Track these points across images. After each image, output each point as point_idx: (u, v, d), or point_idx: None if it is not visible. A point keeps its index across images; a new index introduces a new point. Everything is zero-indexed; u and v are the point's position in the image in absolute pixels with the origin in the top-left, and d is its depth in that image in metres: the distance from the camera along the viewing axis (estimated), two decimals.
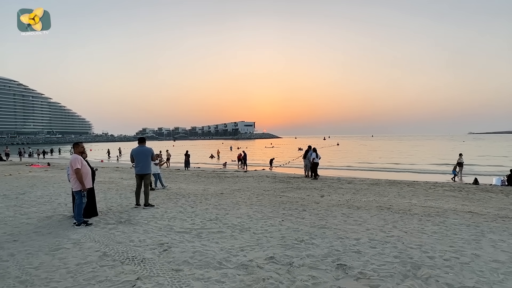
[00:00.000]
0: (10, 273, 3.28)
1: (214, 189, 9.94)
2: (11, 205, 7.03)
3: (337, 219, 5.69)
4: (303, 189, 10.22)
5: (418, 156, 33.69)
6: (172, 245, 4.17)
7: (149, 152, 6.85)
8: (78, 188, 5.25)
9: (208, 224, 5.33)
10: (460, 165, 16.02)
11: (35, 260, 3.65)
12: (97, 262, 3.58)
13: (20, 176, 13.94)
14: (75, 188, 5.28)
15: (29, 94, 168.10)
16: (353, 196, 8.70)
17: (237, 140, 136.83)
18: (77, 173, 5.20)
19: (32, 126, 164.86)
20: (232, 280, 3.09)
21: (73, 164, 5.21)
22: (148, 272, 3.29)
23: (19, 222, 5.48)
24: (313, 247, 4.08)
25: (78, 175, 5.21)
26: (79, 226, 5.17)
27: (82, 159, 5.42)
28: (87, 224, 5.27)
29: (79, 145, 5.65)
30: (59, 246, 4.15)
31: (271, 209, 6.65)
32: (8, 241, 4.40)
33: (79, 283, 3.04)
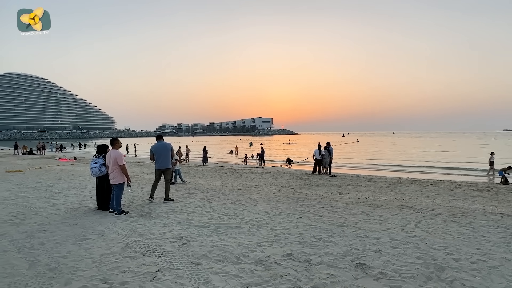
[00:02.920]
0: (41, 261, 3.46)
1: (232, 185, 10.02)
2: (41, 197, 7.42)
3: (356, 217, 5.58)
4: (321, 186, 10.10)
5: (442, 154, 32.35)
6: (191, 239, 4.25)
7: (169, 148, 6.99)
8: (121, 181, 5.59)
9: (226, 219, 5.39)
10: (491, 164, 15.30)
11: (63, 249, 3.84)
12: (120, 253, 3.71)
13: (49, 169, 14.67)
14: (116, 181, 5.58)
15: (57, 91, 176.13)
16: (373, 194, 8.50)
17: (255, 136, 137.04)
18: (124, 169, 5.59)
19: (60, 121, 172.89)
20: (249, 275, 3.11)
21: (119, 161, 5.55)
22: (168, 265, 3.37)
23: (48, 213, 5.77)
24: (332, 245, 4.03)
25: (125, 170, 5.61)
26: (119, 215, 5.54)
27: None
28: (125, 212, 5.71)
29: (118, 141, 5.89)
30: (84, 237, 4.34)
31: (288, 205, 6.62)
32: (39, 230, 4.65)
33: (104, 272, 3.17)
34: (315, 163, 14.43)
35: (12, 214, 5.67)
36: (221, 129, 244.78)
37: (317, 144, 14.93)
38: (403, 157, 28.52)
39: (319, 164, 14.29)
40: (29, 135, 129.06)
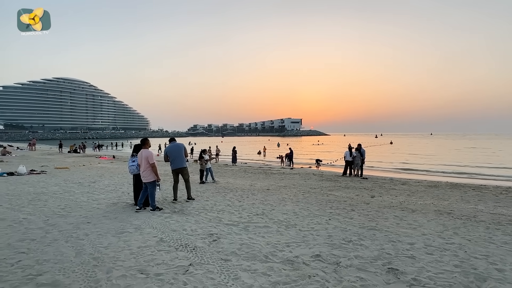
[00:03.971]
0: (85, 250, 3.78)
1: (261, 185, 10.11)
2: (85, 192, 8.03)
3: (389, 222, 5.39)
4: (352, 188, 9.85)
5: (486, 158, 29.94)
6: (221, 236, 4.38)
7: (182, 147, 7.08)
8: (153, 179, 5.85)
9: (254, 218, 5.47)
10: None
11: (105, 241, 4.14)
12: (155, 247, 3.94)
13: (91, 167, 15.79)
14: (149, 179, 5.84)
15: (98, 94, 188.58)
16: (407, 198, 8.13)
17: (284, 137, 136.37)
18: (154, 167, 5.85)
19: (100, 122, 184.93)
20: (278, 274, 3.15)
21: (150, 160, 5.84)
22: (199, 260, 3.51)
23: (91, 207, 6.24)
24: (362, 248, 3.94)
25: (155, 168, 5.86)
26: (154, 211, 5.83)
27: None
28: (159, 208, 5.97)
29: (148, 141, 6.23)
30: (123, 230, 4.64)
31: (317, 207, 6.56)
32: (83, 222, 5.06)
33: (140, 264, 3.39)
34: (346, 165, 14.12)
35: (61, 207, 6.21)
36: (250, 129, 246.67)
37: (348, 146, 14.58)
38: (441, 160, 26.84)
39: (350, 166, 13.97)
40: (73, 134, 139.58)
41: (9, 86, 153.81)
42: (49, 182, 9.69)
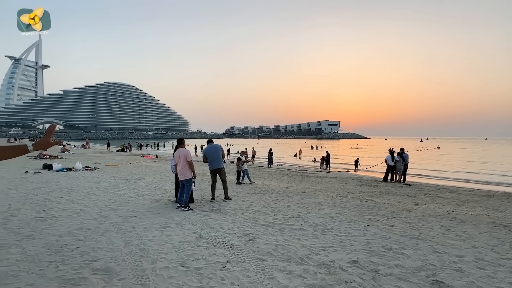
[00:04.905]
0: (133, 242, 4.09)
1: (296, 188, 10.05)
2: (131, 188, 8.66)
3: (434, 231, 5.06)
4: (393, 194, 9.37)
5: None
6: (257, 236, 4.46)
7: (219, 148, 7.34)
8: (190, 176, 6.10)
9: (290, 220, 5.48)
10: None
11: (149, 234, 4.45)
12: (194, 242, 4.14)
13: (137, 165, 16.94)
14: (186, 177, 6.10)
15: (143, 97, 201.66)
16: (456, 207, 7.54)
17: (320, 139, 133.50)
18: (191, 164, 6.12)
19: (145, 123, 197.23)
20: (313, 277, 3.14)
21: (188, 157, 6.14)
22: (236, 257, 3.63)
23: (137, 202, 6.72)
24: (403, 257, 3.77)
25: (192, 166, 6.12)
26: (185, 209, 6.03)
27: None
28: (190, 208, 6.14)
29: (184, 141, 6.62)
30: (166, 225, 4.94)
31: (355, 212, 6.36)
32: (131, 216, 5.47)
33: (182, 257, 3.59)
34: (387, 170, 13.47)
35: (111, 201, 6.78)
36: (286, 132, 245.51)
37: (389, 150, 13.91)
38: (496, 167, 24.31)
39: (391, 171, 13.30)
40: (121, 135, 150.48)
41: (68, 90, 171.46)
42: (101, 178, 10.60)
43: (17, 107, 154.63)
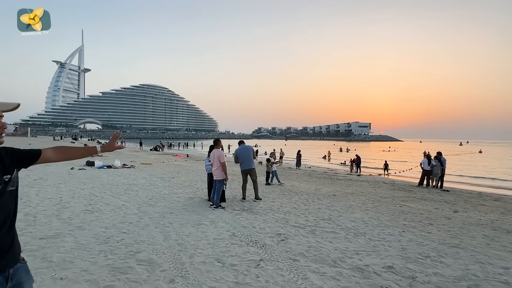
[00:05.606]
0: (171, 236, 4.34)
1: (326, 190, 9.94)
2: (166, 186, 9.08)
3: (476, 241, 4.79)
4: (430, 200, 8.95)
5: None
6: (288, 237, 4.52)
7: (251, 149, 7.50)
8: (222, 177, 6.28)
9: (321, 223, 5.47)
10: None
11: (186, 230, 4.68)
12: (228, 240, 4.29)
13: (169, 164, 17.66)
14: (218, 178, 6.30)
15: (175, 98, 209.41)
16: (501, 216, 7.05)
17: (350, 142, 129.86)
18: (224, 166, 6.28)
19: (176, 124, 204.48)
20: (347, 280, 3.15)
21: (221, 159, 6.32)
22: (269, 256, 3.72)
23: (173, 199, 7.05)
24: (442, 266, 3.63)
25: (224, 167, 6.29)
26: (216, 208, 6.22)
27: None
28: (222, 207, 6.31)
29: (220, 142, 6.79)
30: (200, 222, 5.16)
31: (389, 217, 6.19)
32: (167, 212, 5.78)
33: (217, 253, 3.75)
34: (423, 175, 12.84)
35: (149, 197, 7.18)
36: (314, 133, 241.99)
37: (424, 153, 13.27)
38: None
39: (427, 176, 12.66)
40: (154, 134, 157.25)
41: (106, 92, 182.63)
42: (138, 176, 11.21)
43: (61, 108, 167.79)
